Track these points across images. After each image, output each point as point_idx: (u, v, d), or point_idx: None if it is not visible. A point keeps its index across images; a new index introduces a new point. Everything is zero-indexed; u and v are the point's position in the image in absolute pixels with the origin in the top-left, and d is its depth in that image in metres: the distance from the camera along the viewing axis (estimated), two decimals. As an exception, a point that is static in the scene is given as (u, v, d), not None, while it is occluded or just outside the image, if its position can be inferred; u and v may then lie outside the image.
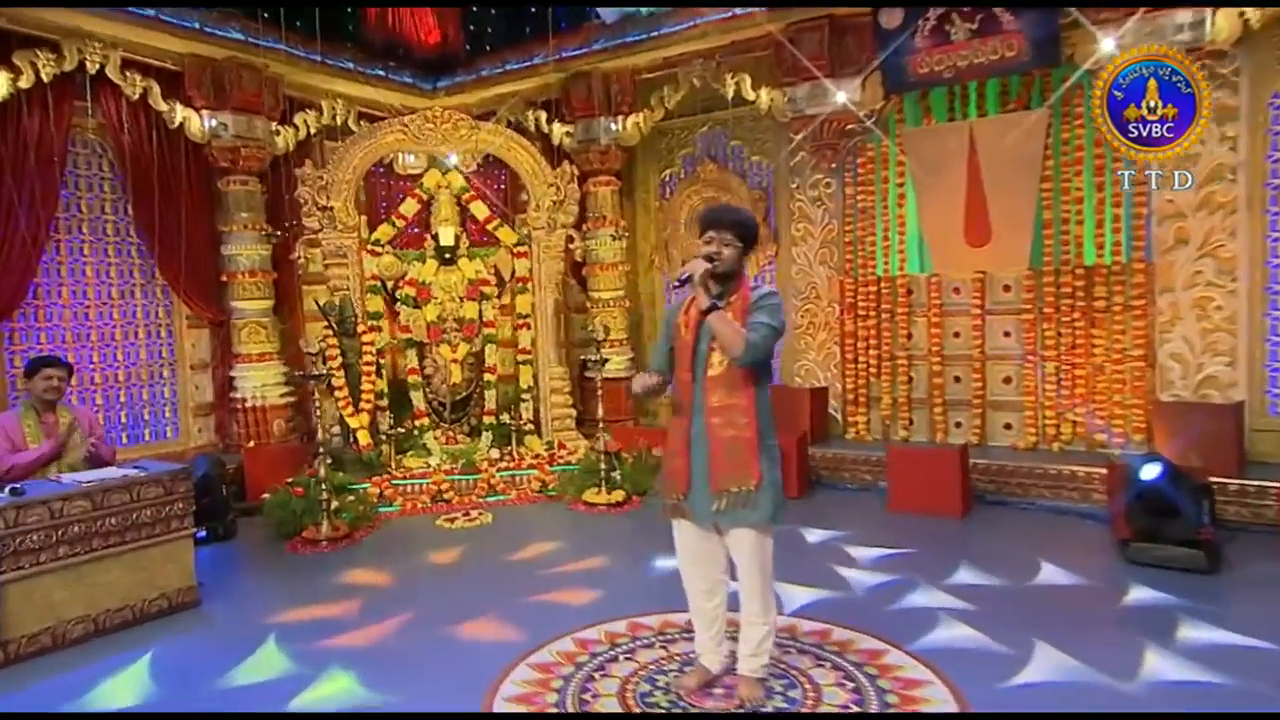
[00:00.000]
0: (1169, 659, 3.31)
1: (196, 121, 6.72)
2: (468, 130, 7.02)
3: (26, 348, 6.07)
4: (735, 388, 2.99)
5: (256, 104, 7.01)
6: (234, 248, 7.05)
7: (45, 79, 5.84)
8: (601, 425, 6.27)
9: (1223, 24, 5.30)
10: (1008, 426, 6.52)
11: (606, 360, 6.50)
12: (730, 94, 7.15)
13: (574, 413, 7.44)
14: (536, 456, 6.82)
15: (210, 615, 4.16)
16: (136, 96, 6.36)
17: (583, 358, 8.11)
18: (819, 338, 7.33)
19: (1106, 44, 5.40)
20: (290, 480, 5.72)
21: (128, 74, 6.30)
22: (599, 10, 7.47)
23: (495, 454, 6.80)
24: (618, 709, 3.08)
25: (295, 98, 7.57)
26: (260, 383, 7.12)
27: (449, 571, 4.87)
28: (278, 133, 7.26)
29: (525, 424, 7.10)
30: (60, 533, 3.69)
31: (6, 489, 3.65)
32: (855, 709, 3.00)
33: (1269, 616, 3.67)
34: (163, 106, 6.53)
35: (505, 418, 7.11)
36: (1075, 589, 4.23)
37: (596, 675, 3.36)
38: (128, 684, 3.43)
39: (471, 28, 8.04)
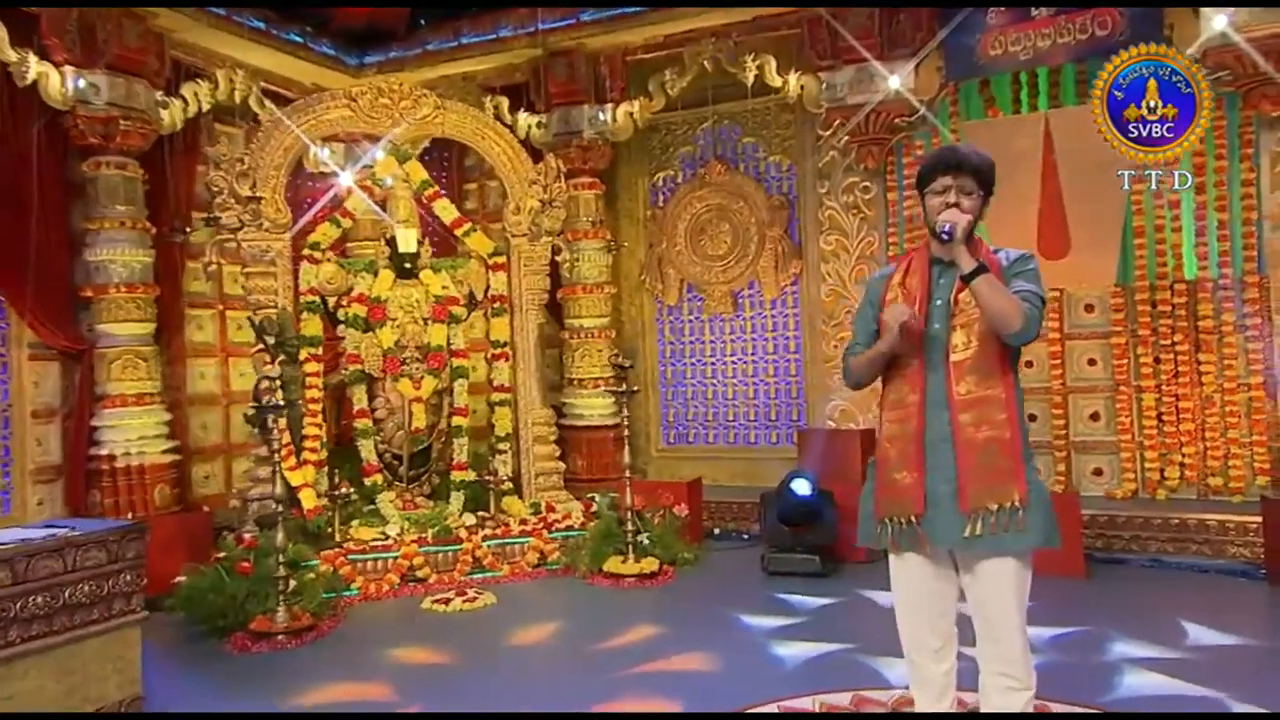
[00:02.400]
0: None
1: (56, 80, 5.99)
2: (431, 110, 6.61)
3: None
4: (990, 375, 2.69)
5: (139, 64, 6.42)
6: (105, 252, 6.29)
7: None
8: (627, 476, 5.84)
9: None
10: (1098, 472, 6.53)
11: (636, 390, 6.09)
12: (750, 80, 7.07)
13: (562, 467, 6.96)
14: (523, 522, 6.26)
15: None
16: (-26, 42, 5.67)
17: (556, 403, 7.63)
18: (858, 372, 7.18)
19: (1218, 21, 5.63)
20: (222, 557, 4.96)
21: (-38, 12, 5.61)
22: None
23: (470, 519, 6.20)
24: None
25: (184, 63, 6.98)
26: (138, 434, 6.30)
27: (481, 667, 4.33)
28: (165, 105, 6.62)
29: (504, 482, 6.54)
30: (-35, 617, 2.93)
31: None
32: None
33: None
34: (10, 57, 5.78)
35: (471, 475, 6.55)
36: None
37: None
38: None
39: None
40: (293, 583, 4.72)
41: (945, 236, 2.62)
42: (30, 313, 6.02)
